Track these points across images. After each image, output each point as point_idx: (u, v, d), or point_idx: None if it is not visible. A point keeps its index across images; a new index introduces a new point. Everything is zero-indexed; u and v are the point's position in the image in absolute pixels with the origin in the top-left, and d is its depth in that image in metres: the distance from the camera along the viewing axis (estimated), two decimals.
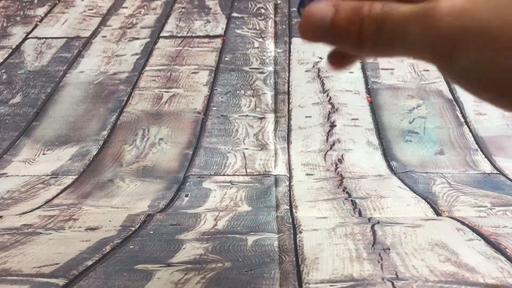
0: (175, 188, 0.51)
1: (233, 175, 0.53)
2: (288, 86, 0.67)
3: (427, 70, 0.68)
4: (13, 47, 0.76)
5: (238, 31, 0.77)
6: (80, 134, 0.62)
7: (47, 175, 0.55)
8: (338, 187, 0.50)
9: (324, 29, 0.19)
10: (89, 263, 0.32)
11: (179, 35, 0.77)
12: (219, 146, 0.58)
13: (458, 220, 0.39)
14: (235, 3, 0.84)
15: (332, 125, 0.61)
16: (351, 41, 0.19)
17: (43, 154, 0.59)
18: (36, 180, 0.54)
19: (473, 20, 0.16)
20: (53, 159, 0.58)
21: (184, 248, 0.35)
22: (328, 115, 0.63)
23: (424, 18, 0.17)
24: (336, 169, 0.54)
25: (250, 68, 0.70)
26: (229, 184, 0.51)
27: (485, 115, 0.61)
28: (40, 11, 0.84)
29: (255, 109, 0.63)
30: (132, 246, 0.35)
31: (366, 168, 0.54)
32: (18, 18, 0.82)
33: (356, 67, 0.70)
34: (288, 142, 0.59)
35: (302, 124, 0.61)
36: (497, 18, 0.16)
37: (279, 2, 0.84)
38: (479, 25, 0.16)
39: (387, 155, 0.57)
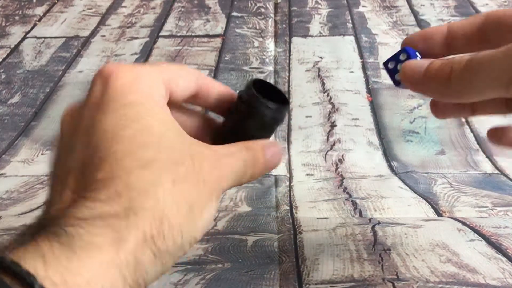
0: None
1: None
2: (288, 86, 0.67)
3: None
4: (12, 46, 0.76)
5: (238, 30, 0.77)
6: None
7: (46, 176, 0.55)
8: (338, 187, 0.49)
9: (420, 75, 0.22)
10: None
11: (178, 34, 0.77)
12: None
13: (459, 221, 0.39)
14: (235, 2, 0.83)
15: (333, 125, 0.61)
16: (441, 81, 0.22)
17: (42, 154, 0.59)
18: (35, 180, 0.54)
19: None
20: None
21: None
22: (329, 115, 0.63)
23: (506, 55, 0.19)
24: (336, 169, 0.54)
25: (250, 68, 0.70)
26: None
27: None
28: (39, 11, 0.83)
29: None
30: None
31: (366, 168, 0.54)
32: (16, 18, 0.82)
33: (357, 66, 0.70)
34: (288, 142, 0.59)
35: (302, 124, 0.61)
36: None
37: (279, 1, 0.84)
38: None
39: (388, 155, 0.57)
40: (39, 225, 0.17)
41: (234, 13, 0.81)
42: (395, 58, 0.25)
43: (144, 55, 0.73)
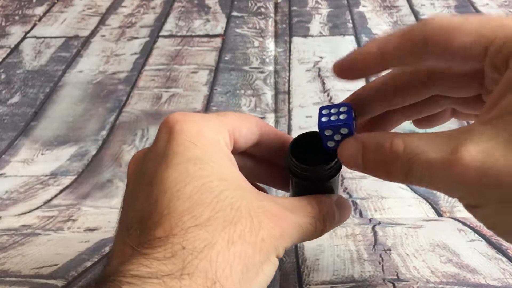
0: None
1: None
2: (289, 86, 0.67)
3: None
4: (12, 46, 0.76)
5: (238, 30, 0.77)
6: (79, 134, 0.61)
7: (46, 176, 0.55)
8: None
9: (360, 168, 0.22)
10: (88, 264, 0.32)
11: (178, 34, 0.77)
12: None
13: (460, 221, 0.39)
14: (235, 2, 0.83)
15: None
16: (385, 178, 0.21)
17: (42, 154, 0.59)
18: (35, 180, 0.54)
19: (491, 177, 0.16)
20: (51, 159, 0.58)
21: None
22: None
23: (447, 169, 0.17)
24: None
25: (250, 68, 0.70)
26: None
27: None
28: (39, 10, 0.83)
29: (255, 109, 0.63)
30: None
31: None
32: (16, 18, 0.82)
33: None
34: None
35: (303, 124, 0.61)
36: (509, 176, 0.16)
37: (279, 1, 0.84)
38: (497, 182, 0.16)
39: None
40: (102, 279, 0.17)
41: (234, 13, 0.81)
42: (333, 124, 0.22)
43: (144, 55, 0.73)
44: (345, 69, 0.23)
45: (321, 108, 0.23)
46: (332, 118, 0.22)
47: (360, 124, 0.26)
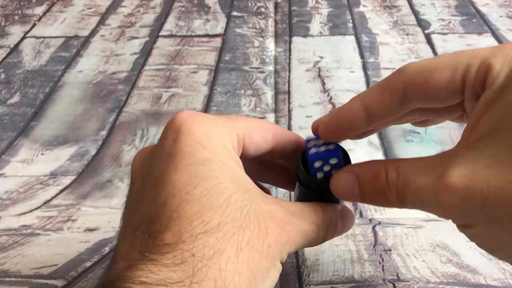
0: None
1: None
2: (289, 86, 0.67)
3: None
4: (11, 46, 0.76)
5: (238, 30, 0.77)
6: (79, 134, 0.61)
7: (46, 176, 0.55)
8: None
9: (357, 198, 0.22)
10: (88, 264, 0.32)
11: (178, 34, 0.77)
12: None
13: None
14: (235, 2, 0.83)
15: None
16: (383, 204, 0.21)
17: (42, 154, 0.59)
18: (35, 180, 0.54)
19: (475, 199, 0.17)
20: (51, 159, 0.58)
21: None
22: None
23: (435, 195, 0.18)
24: None
25: (250, 68, 0.70)
26: None
27: None
28: (39, 10, 0.83)
29: (255, 108, 0.63)
30: None
31: None
32: (16, 17, 0.82)
33: (357, 66, 0.70)
34: None
35: (303, 124, 0.61)
36: (495, 198, 0.17)
37: (279, 1, 0.84)
38: (481, 204, 0.17)
39: (389, 155, 0.56)
40: (109, 283, 0.17)
41: (234, 13, 0.81)
42: (323, 156, 0.22)
43: (144, 55, 0.73)
44: (332, 131, 0.23)
45: (307, 141, 0.23)
46: (322, 149, 0.23)
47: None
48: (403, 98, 0.21)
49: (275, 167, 0.26)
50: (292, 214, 0.21)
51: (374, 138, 0.59)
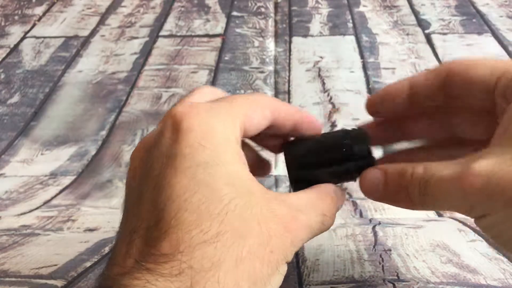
0: None
1: None
2: (289, 86, 0.67)
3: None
4: (11, 46, 0.76)
5: (238, 30, 0.77)
6: (79, 134, 0.61)
7: (46, 176, 0.55)
8: None
9: (380, 194, 0.22)
10: (88, 264, 0.32)
11: (178, 34, 0.77)
12: None
13: (460, 221, 0.39)
14: (235, 2, 0.83)
15: (333, 125, 0.61)
16: (404, 203, 0.22)
17: (42, 154, 0.59)
18: (35, 180, 0.54)
19: (497, 183, 0.18)
20: (51, 159, 0.58)
21: None
22: (329, 115, 0.62)
23: (458, 182, 0.19)
24: None
25: (250, 68, 0.70)
26: None
27: None
28: (39, 10, 0.83)
29: None
30: None
31: None
32: (16, 17, 0.82)
33: (357, 66, 0.70)
34: None
35: None
36: None
37: (279, 1, 0.84)
38: (503, 188, 0.18)
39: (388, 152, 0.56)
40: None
41: (234, 13, 0.81)
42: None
43: (144, 55, 0.73)
44: (376, 103, 0.25)
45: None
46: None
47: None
48: (445, 82, 0.23)
49: (274, 136, 0.26)
50: (297, 209, 0.20)
51: None
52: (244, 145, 0.24)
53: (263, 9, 0.81)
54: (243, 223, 0.18)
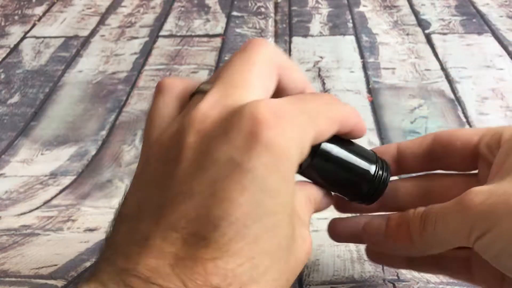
0: None
1: None
2: None
3: (429, 70, 0.68)
4: (11, 46, 0.76)
5: (238, 30, 0.77)
6: (79, 134, 0.61)
7: (46, 176, 0.55)
8: None
9: (381, 236, 0.24)
10: (88, 264, 0.32)
11: (178, 34, 0.77)
12: None
13: None
14: (235, 2, 0.83)
15: None
16: (403, 241, 0.23)
17: (42, 154, 0.59)
18: (35, 180, 0.54)
19: (497, 197, 0.19)
20: (51, 159, 0.58)
21: None
22: None
23: (458, 206, 0.20)
24: None
25: None
26: None
27: (487, 115, 0.61)
28: (38, 10, 0.83)
29: None
30: None
31: None
32: (16, 17, 0.82)
33: (357, 66, 0.70)
34: None
35: None
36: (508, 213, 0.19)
37: (279, 1, 0.84)
38: (509, 200, 0.19)
39: None
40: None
41: (234, 13, 0.81)
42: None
43: (144, 55, 0.73)
44: None
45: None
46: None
47: None
48: (431, 146, 0.25)
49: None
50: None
51: (374, 138, 0.59)
52: None
53: (263, 9, 0.81)
54: (284, 263, 0.19)
